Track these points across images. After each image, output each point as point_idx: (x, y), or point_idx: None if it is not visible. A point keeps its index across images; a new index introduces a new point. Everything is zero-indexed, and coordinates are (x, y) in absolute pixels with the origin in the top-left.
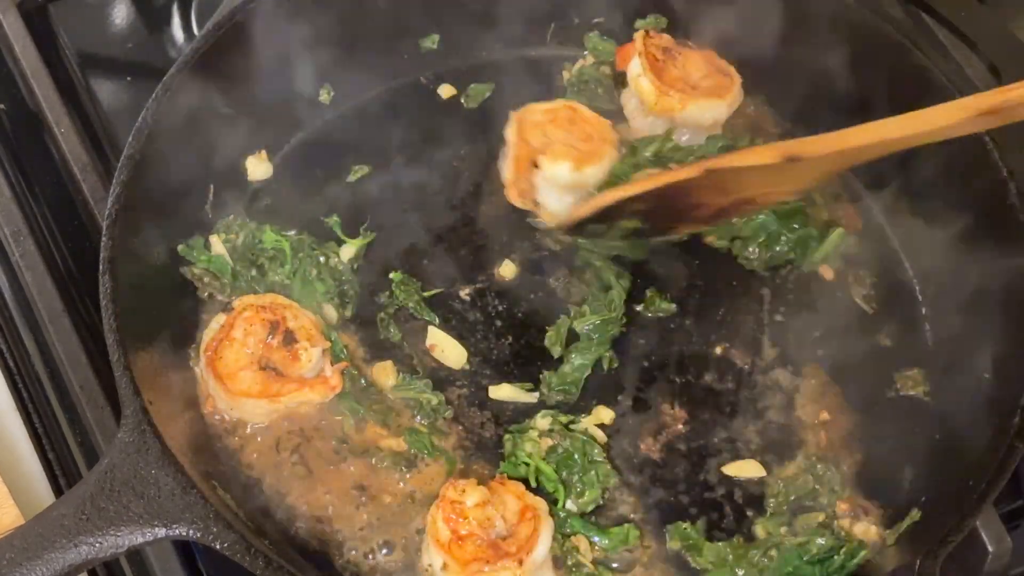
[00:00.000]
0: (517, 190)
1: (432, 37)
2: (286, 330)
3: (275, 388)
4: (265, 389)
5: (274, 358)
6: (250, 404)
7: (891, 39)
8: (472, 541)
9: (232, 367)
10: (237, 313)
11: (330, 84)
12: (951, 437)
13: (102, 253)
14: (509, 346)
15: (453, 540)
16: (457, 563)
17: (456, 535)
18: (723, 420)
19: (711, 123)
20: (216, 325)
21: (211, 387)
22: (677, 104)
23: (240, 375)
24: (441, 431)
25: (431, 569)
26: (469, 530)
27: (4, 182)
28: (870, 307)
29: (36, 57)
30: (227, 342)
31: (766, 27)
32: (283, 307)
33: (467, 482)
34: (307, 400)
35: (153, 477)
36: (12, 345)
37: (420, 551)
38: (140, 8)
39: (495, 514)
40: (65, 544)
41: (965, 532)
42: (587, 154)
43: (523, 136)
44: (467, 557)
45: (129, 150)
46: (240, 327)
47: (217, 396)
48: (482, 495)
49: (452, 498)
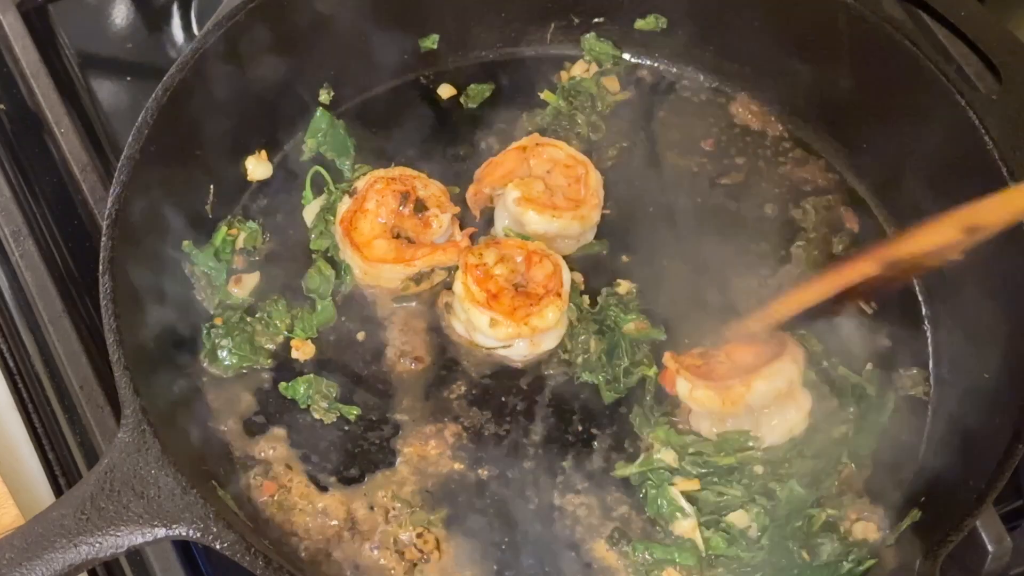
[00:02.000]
0: (477, 191)
1: (432, 37)
2: (416, 199)
3: (408, 253)
4: (399, 255)
5: (406, 226)
6: (386, 269)
7: (891, 39)
8: (506, 294)
9: (367, 236)
10: (368, 186)
11: (330, 84)
12: (951, 437)
13: (102, 253)
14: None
15: (489, 297)
16: (503, 315)
17: (490, 294)
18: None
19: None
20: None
21: (348, 257)
22: (742, 391)
23: (375, 243)
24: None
25: (478, 331)
26: (498, 285)
27: (4, 182)
28: (870, 307)
29: (36, 57)
30: (360, 214)
31: (765, 27)
32: (412, 177)
33: (480, 247)
34: (439, 263)
35: (153, 477)
36: (12, 345)
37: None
38: (140, 8)
39: (514, 266)
40: (65, 544)
41: (965, 532)
42: (561, 210)
43: (522, 156)
44: (508, 308)
45: (129, 150)
46: (372, 199)
47: (355, 266)
48: (497, 252)
49: (474, 263)
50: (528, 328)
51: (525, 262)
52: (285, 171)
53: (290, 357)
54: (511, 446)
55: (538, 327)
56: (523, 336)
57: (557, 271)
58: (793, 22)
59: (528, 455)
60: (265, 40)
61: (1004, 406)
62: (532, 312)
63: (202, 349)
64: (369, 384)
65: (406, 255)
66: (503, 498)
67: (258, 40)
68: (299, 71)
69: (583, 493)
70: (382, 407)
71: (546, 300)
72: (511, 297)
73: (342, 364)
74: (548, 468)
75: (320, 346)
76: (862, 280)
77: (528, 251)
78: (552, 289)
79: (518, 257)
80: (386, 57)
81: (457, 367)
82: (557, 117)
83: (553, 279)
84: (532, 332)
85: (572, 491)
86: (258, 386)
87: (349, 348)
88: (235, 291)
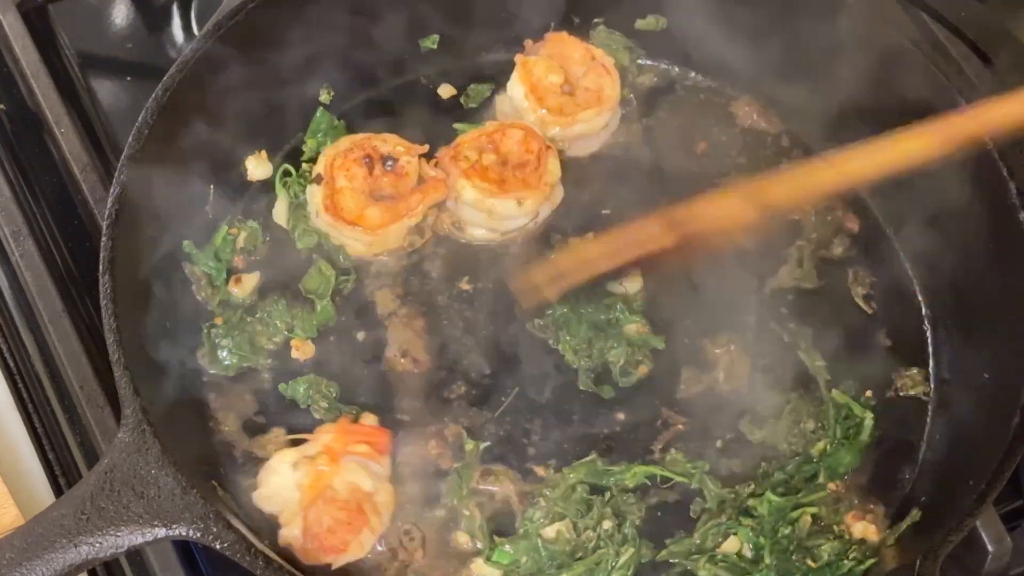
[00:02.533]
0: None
1: (432, 37)
2: (382, 156)
3: (403, 208)
4: (395, 213)
5: (382, 185)
6: (391, 231)
7: (891, 39)
8: (508, 174)
9: (357, 210)
10: (330, 165)
11: (330, 84)
12: (951, 437)
13: (102, 253)
14: None
15: (499, 184)
16: (521, 190)
17: (497, 182)
18: (724, 419)
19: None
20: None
21: (348, 237)
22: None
23: (367, 213)
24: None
25: (506, 219)
26: (496, 172)
27: (4, 182)
28: (870, 307)
29: (36, 57)
30: (338, 194)
31: (765, 27)
32: (366, 140)
33: (454, 151)
34: (433, 201)
35: (153, 477)
36: (12, 345)
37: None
38: (140, 8)
39: (494, 150)
40: (65, 544)
41: (965, 532)
42: (510, 187)
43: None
44: (520, 183)
45: (129, 150)
46: (340, 176)
47: (358, 241)
48: (473, 146)
49: (466, 166)
50: (546, 187)
51: (495, 143)
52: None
53: (290, 357)
54: (511, 446)
55: (550, 182)
56: (545, 197)
57: (528, 132)
58: (793, 22)
59: (528, 456)
60: (265, 40)
61: (1004, 406)
62: (539, 173)
63: (202, 349)
64: (369, 384)
65: (401, 210)
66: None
67: (258, 40)
68: (299, 71)
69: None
70: (382, 407)
71: (541, 157)
72: (512, 175)
73: (342, 364)
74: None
75: (320, 346)
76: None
77: (488, 133)
78: (536, 149)
79: (488, 144)
80: (386, 57)
81: (457, 367)
82: None
83: (529, 141)
84: (549, 189)
85: None
86: (258, 386)
87: (349, 348)
88: (235, 291)
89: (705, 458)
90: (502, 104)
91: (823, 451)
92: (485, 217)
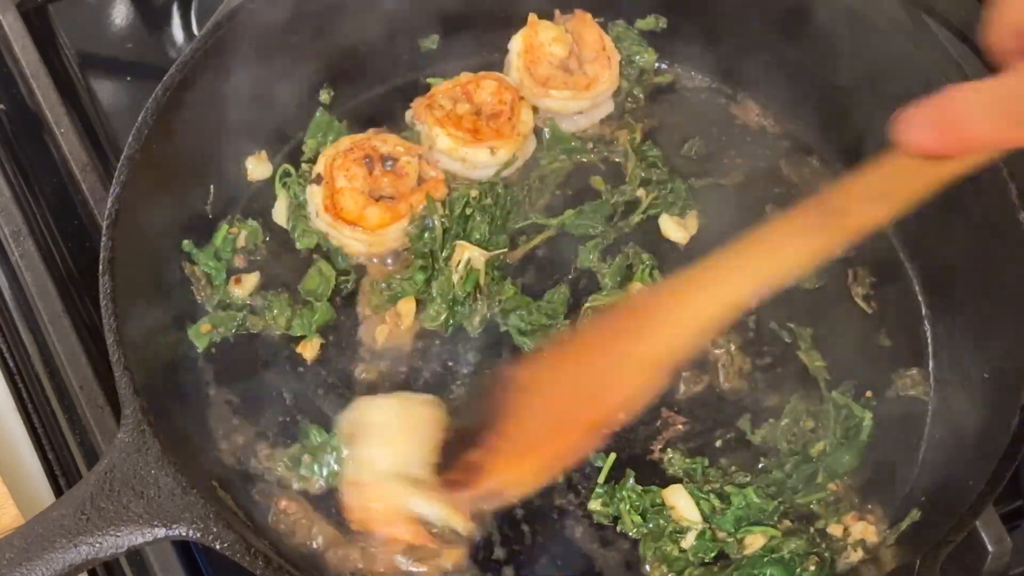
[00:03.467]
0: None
1: (432, 37)
2: (381, 156)
3: (403, 207)
4: (395, 213)
5: (381, 185)
6: (391, 232)
7: (891, 39)
8: (482, 123)
9: (357, 210)
10: (330, 165)
11: (330, 84)
12: (951, 437)
13: (102, 253)
14: None
15: (473, 132)
16: (494, 138)
17: (471, 131)
18: (724, 419)
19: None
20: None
21: (347, 238)
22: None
23: (367, 213)
24: None
25: (480, 167)
26: (471, 121)
27: (4, 182)
28: (870, 307)
29: (36, 57)
30: (338, 194)
31: (765, 27)
32: (365, 140)
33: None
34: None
35: (153, 477)
36: (12, 345)
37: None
38: (140, 8)
39: (467, 100)
40: (65, 544)
41: (965, 532)
42: (483, 136)
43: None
44: (493, 133)
45: (129, 150)
46: (340, 176)
47: (357, 242)
48: (447, 96)
49: (441, 115)
50: (519, 136)
51: (469, 93)
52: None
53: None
54: None
55: (523, 132)
56: (518, 147)
57: (501, 83)
58: (793, 22)
59: None
60: (265, 40)
61: (1004, 406)
62: (512, 123)
63: (202, 348)
64: (369, 384)
65: (401, 209)
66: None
67: (258, 40)
68: (299, 71)
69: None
70: None
71: (514, 107)
72: (486, 125)
73: (342, 364)
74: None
75: (320, 346)
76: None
77: (463, 84)
78: (509, 99)
79: (462, 94)
80: (386, 57)
81: (457, 367)
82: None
83: (502, 91)
84: (522, 139)
85: (572, 491)
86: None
87: (349, 348)
88: (235, 291)
89: (705, 456)
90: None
91: (823, 451)
92: (460, 166)
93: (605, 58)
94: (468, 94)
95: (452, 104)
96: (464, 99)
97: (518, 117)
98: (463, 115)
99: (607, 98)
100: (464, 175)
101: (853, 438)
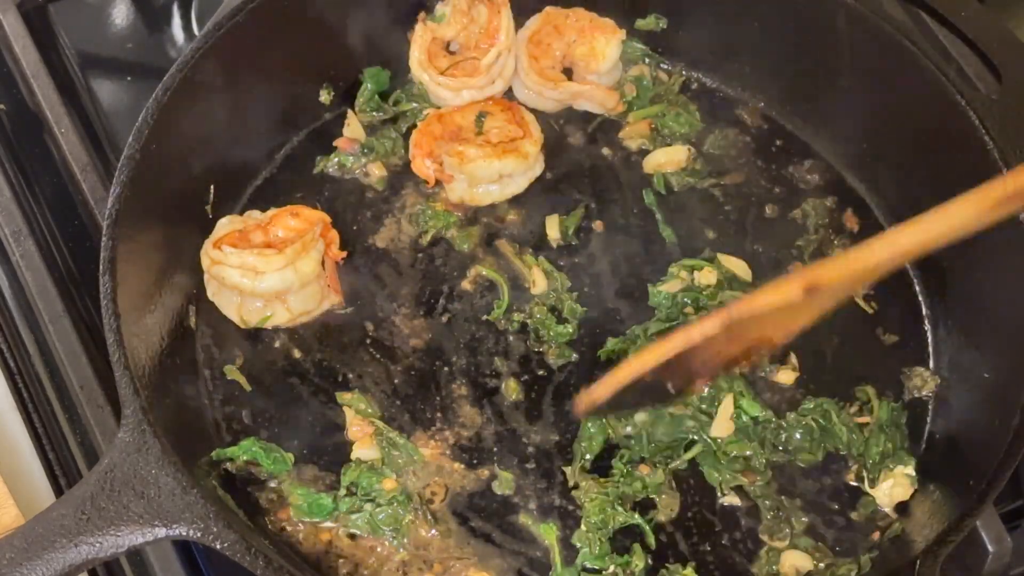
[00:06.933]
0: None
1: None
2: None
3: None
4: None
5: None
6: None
7: (891, 39)
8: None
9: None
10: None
11: (330, 84)
12: (951, 437)
13: (102, 253)
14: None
15: (503, 149)
16: (508, 156)
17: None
18: None
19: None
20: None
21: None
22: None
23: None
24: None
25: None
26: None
27: (4, 182)
28: (870, 307)
29: (36, 57)
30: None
31: (763, 27)
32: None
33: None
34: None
35: (153, 477)
36: (12, 345)
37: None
38: (140, 8)
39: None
40: (65, 544)
41: (965, 532)
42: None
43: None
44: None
45: (129, 150)
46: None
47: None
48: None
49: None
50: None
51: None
52: (285, 171)
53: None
54: (512, 446)
55: (530, 153)
56: (530, 168)
57: (516, 110)
58: (793, 23)
59: (529, 455)
60: (265, 40)
61: (1004, 406)
62: (517, 143)
63: (202, 348)
64: (369, 384)
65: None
66: (503, 498)
67: (258, 40)
68: (299, 71)
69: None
70: (382, 407)
71: (522, 139)
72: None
73: (343, 363)
74: (548, 469)
75: (321, 345)
76: (703, 344)
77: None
78: (516, 133)
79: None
80: (386, 57)
81: (457, 367)
82: None
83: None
84: (534, 159)
85: (572, 491)
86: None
87: (350, 346)
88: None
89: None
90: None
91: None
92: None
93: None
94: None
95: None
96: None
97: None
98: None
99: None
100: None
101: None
